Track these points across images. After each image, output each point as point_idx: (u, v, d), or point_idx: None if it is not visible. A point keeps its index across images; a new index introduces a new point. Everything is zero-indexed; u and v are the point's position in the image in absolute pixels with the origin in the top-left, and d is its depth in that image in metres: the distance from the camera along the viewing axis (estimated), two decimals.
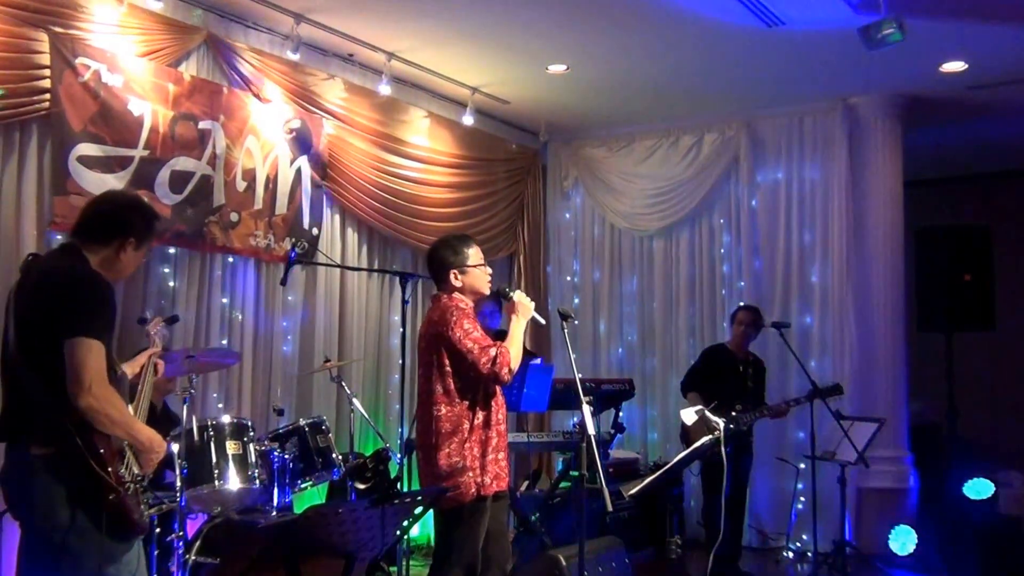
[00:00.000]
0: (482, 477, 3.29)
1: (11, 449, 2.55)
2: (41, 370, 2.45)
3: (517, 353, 3.33)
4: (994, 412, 7.62)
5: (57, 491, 2.44)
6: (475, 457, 3.29)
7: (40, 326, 2.48)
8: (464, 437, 3.30)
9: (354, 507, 2.55)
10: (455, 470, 3.27)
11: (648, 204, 7.05)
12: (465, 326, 3.31)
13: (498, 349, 3.28)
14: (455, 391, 3.33)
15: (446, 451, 3.30)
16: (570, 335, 3.46)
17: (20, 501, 2.51)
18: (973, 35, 5.19)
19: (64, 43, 4.14)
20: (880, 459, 5.91)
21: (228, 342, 4.92)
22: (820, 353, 6.37)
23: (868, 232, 6.35)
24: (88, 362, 2.42)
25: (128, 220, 2.68)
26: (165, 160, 4.57)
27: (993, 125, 6.89)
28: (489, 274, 3.51)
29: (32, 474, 2.45)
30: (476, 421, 3.32)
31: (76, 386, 2.41)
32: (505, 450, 3.43)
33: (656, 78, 6.05)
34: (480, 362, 3.26)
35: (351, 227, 5.85)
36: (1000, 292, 6.33)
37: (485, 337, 3.34)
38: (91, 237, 2.64)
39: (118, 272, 2.70)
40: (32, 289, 2.55)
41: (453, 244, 3.50)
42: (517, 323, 3.41)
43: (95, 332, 2.46)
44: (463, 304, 3.41)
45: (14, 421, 2.53)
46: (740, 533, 5.50)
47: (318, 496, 5.02)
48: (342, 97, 5.64)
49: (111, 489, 2.45)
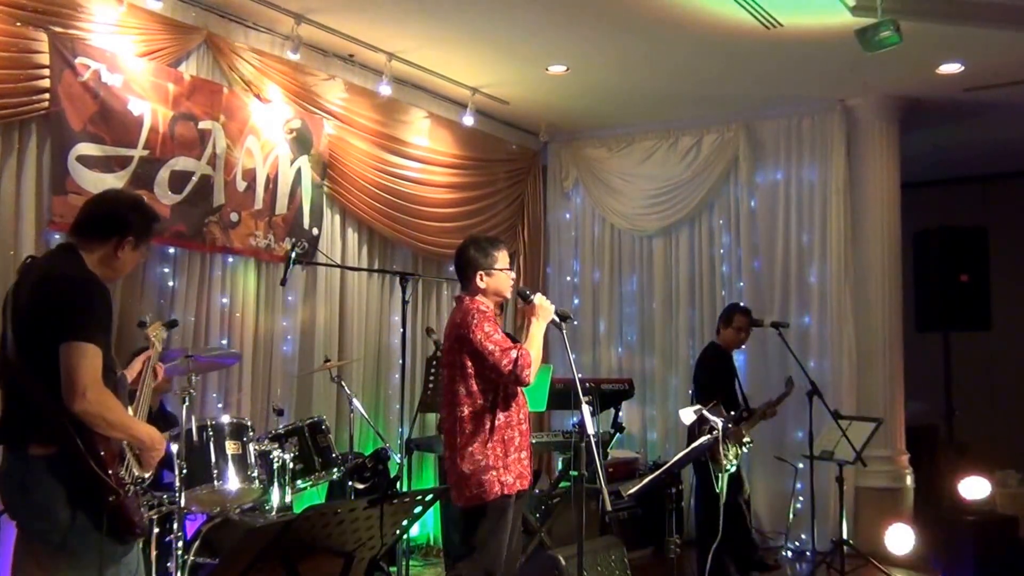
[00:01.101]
0: (505, 476, 3.36)
1: (9, 450, 2.55)
2: (40, 372, 2.45)
3: (537, 355, 3.40)
4: (991, 412, 7.64)
5: (57, 491, 2.44)
6: (498, 456, 3.36)
7: (37, 329, 2.48)
8: (487, 437, 3.37)
9: (353, 507, 2.55)
10: (479, 468, 3.34)
11: (648, 204, 7.07)
12: (486, 328, 3.37)
13: (519, 351, 3.34)
14: (477, 392, 3.39)
15: (470, 450, 3.37)
16: (569, 335, 3.48)
17: (18, 501, 2.51)
18: (969, 38, 5.21)
19: (64, 43, 4.14)
20: (877, 459, 5.95)
21: (228, 342, 4.92)
22: (819, 353, 6.40)
23: (866, 233, 6.38)
24: (81, 367, 2.41)
25: (127, 219, 2.68)
26: (165, 160, 4.57)
27: (990, 127, 6.92)
28: (512, 279, 3.58)
29: (31, 474, 2.46)
30: (498, 421, 3.39)
31: (70, 392, 2.41)
32: (528, 449, 3.49)
33: (655, 79, 6.07)
34: (501, 364, 3.32)
35: (351, 227, 5.86)
36: (996, 293, 6.36)
37: (506, 339, 3.40)
38: (89, 235, 2.64)
39: (115, 271, 2.70)
40: (29, 292, 2.55)
41: (483, 245, 3.55)
42: (537, 326, 3.45)
43: (89, 336, 2.45)
44: (484, 307, 3.47)
45: (13, 423, 2.53)
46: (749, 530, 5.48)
47: (318, 496, 5.03)
48: (342, 97, 5.65)
49: (111, 490, 2.46)
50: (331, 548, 2.49)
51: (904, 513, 6.10)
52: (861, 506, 6.14)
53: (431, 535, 6.14)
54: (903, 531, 5.90)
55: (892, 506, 6.10)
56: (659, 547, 5.94)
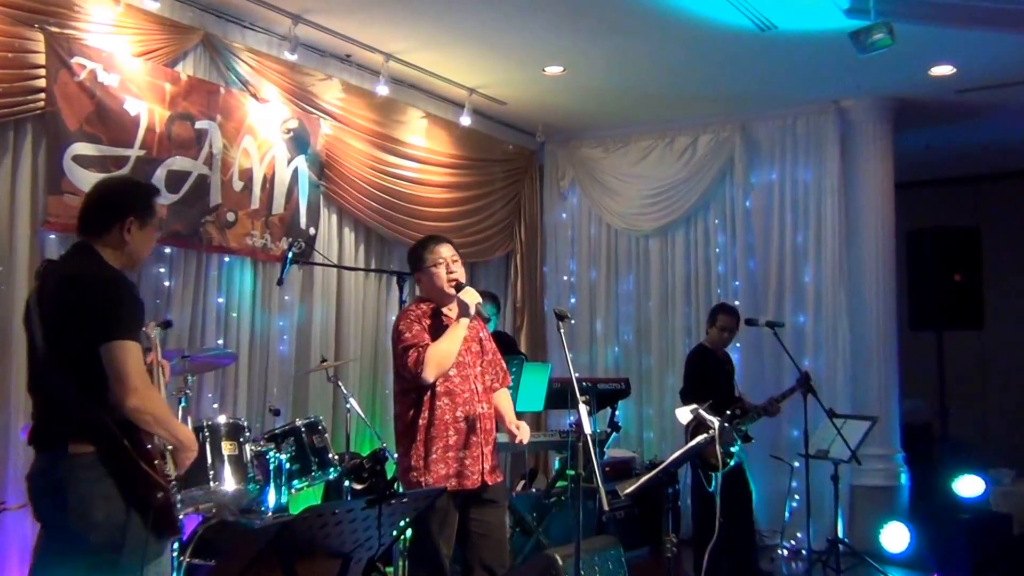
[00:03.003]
0: (426, 476, 3.30)
1: (44, 451, 2.53)
2: (75, 373, 2.45)
3: (442, 352, 3.30)
4: (984, 410, 7.68)
5: (99, 490, 2.43)
6: (419, 456, 3.32)
7: (69, 331, 2.47)
8: (412, 436, 3.35)
9: (350, 507, 2.55)
10: (403, 468, 3.38)
11: (644, 204, 7.09)
12: (399, 327, 3.38)
13: (416, 349, 3.29)
14: (402, 391, 3.42)
15: (402, 449, 3.40)
16: (566, 335, 3.48)
17: (53, 502, 2.47)
18: (961, 40, 5.24)
19: (60, 42, 4.14)
20: (872, 457, 5.97)
21: (224, 342, 4.92)
22: (814, 352, 6.42)
23: (860, 233, 6.41)
24: (129, 364, 2.43)
25: (122, 201, 2.66)
26: (161, 160, 4.57)
27: (982, 128, 6.95)
28: (451, 272, 3.42)
29: (70, 472, 2.44)
30: (421, 421, 3.34)
31: (122, 389, 2.42)
32: (475, 448, 3.36)
33: (652, 80, 6.09)
34: (405, 361, 3.30)
35: (348, 227, 5.86)
36: (989, 292, 6.39)
37: (416, 336, 3.33)
38: (94, 229, 2.63)
39: (131, 258, 2.67)
40: (57, 294, 2.53)
41: (416, 248, 3.54)
42: (457, 323, 3.38)
43: (131, 333, 2.47)
44: (415, 308, 3.45)
45: (47, 426, 2.52)
46: (752, 532, 5.50)
47: (314, 497, 5.02)
48: (339, 97, 5.65)
49: (160, 487, 2.45)
50: (329, 549, 2.49)
51: (899, 511, 6.13)
52: (856, 504, 6.17)
53: None
54: (898, 529, 5.92)
55: (887, 504, 6.13)
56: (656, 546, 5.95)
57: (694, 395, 5.21)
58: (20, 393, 4.05)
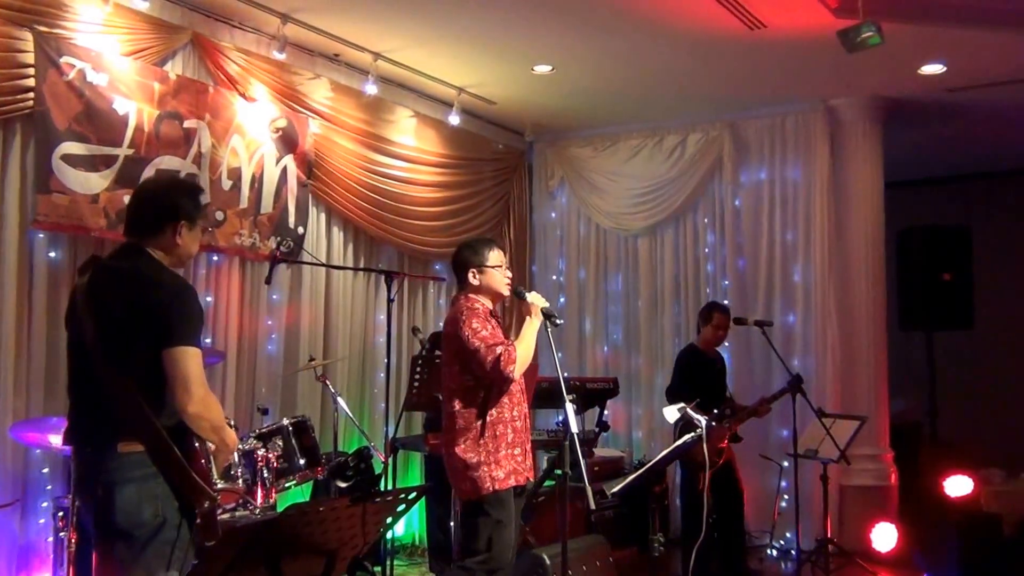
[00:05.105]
0: (496, 471, 3.40)
1: (90, 449, 2.53)
2: (133, 373, 2.46)
3: (525, 352, 3.43)
4: (974, 409, 7.71)
5: (149, 489, 2.44)
6: (488, 452, 3.40)
7: (135, 332, 2.48)
8: (477, 433, 3.41)
9: (335, 505, 2.56)
10: (469, 465, 3.40)
11: (633, 203, 7.09)
12: (474, 324, 3.42)
13: (504, 348, 3.37)
14: (468, 388, 3.45)
15: (462, 446, 3.43)
16: (555, 334, 3.50)
17: (102, 499, 2.47)
18: (951, 39, 5.25)
19: (48, 42, 4.13)
20: (862, 457, 5.99)
21: (212, 341, 4.91)
22: (802, 352, 6.43)
23: (850, 232, 6.42)
24: (193, 370, 2.48)
25: (174, 203, 2.67)
26: (150, 159, 4.56)
27: (972, 127, 6.97)
28: (509, 277, 3.62)
29: (120, 472, 2.45)
30: (489, 417, 3.42)
31: (186, 395, 2.46)
32: (524, 446, 3.52)
33: (640, 79, 6.09)
34: (486, 360, 3.36)
35: (336, 226, 5.86)
36: (979, 292, 6.42)
37: (494, 335, 3.43)
38: (146, 231, 2.64)
39: (180, 258, 2.71)
40: (121, 294, 2.53)
41: (474, 245, 3.67)
42: (530, 323, 3.50)
43: (196, 340, 2.52)
44: (477, 304, 3.52)
45: (94, 422, 2.52)
46: (742, 531, 5.50)
47: (302, 495, 5.03)
48: (328, 97, 5.65)
49: (207, 496, 2.47)
50: (313, 546, 2.49)
51: (889, 511, 6.14)
52: (846, 504, 6.18)
53: (416, 534, 6.14)
54: (887, 529, 5.94)
55: (876, 504, 6.14)
56: (643, 546, 5.96)
57: (679, 393, 5.24)
58: (9, 393, 4.04)
